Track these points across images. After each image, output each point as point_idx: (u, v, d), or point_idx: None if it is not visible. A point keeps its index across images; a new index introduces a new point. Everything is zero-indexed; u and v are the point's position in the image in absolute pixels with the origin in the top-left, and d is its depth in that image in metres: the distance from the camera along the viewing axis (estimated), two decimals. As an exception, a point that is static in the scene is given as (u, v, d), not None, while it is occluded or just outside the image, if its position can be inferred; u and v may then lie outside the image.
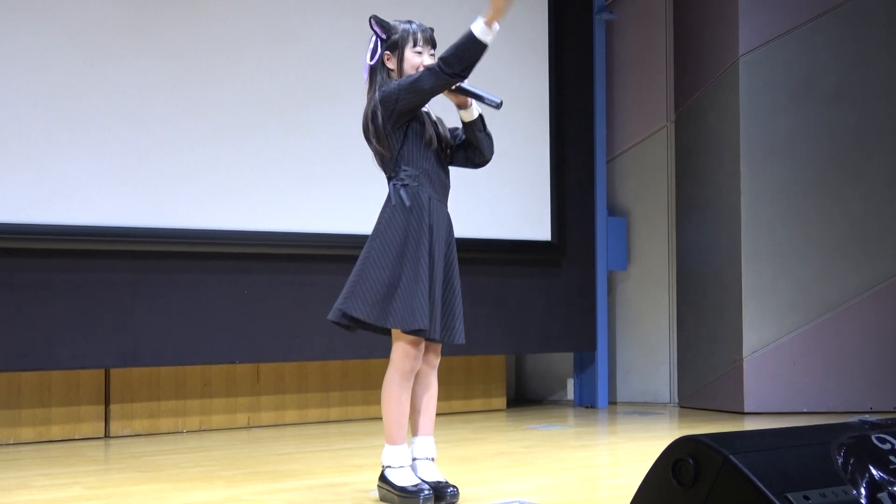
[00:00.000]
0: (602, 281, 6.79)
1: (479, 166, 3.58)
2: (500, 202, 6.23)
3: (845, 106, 6.42)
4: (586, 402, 6.82)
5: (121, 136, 5.08)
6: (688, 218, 6.79)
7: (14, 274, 4.86)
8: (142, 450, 4.82)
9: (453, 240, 3.49)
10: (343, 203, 5.60)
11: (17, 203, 4.83)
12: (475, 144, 3.51)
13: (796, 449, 2.10)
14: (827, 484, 2.03)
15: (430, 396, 3.50)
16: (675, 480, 2.08)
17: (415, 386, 3.45)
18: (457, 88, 3.38)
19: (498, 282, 6.18)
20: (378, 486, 3.43)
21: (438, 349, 3.50)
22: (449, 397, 6.22)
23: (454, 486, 3.39)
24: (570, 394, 7.10)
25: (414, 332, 3.31)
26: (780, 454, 2.06)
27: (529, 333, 6.45)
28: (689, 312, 6.74)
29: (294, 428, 5.67)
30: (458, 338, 3.43)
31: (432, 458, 3.48)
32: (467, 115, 3.47)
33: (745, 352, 6.28)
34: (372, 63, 3.45)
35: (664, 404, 6.90)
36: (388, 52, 3.44)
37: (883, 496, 2.06)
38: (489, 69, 6.53)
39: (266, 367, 5.75)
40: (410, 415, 3.48)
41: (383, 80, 3.42)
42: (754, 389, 6.26)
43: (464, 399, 6.49)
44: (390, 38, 3.43)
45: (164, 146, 5.19)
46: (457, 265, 3.49)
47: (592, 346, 6.75)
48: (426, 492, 3.31)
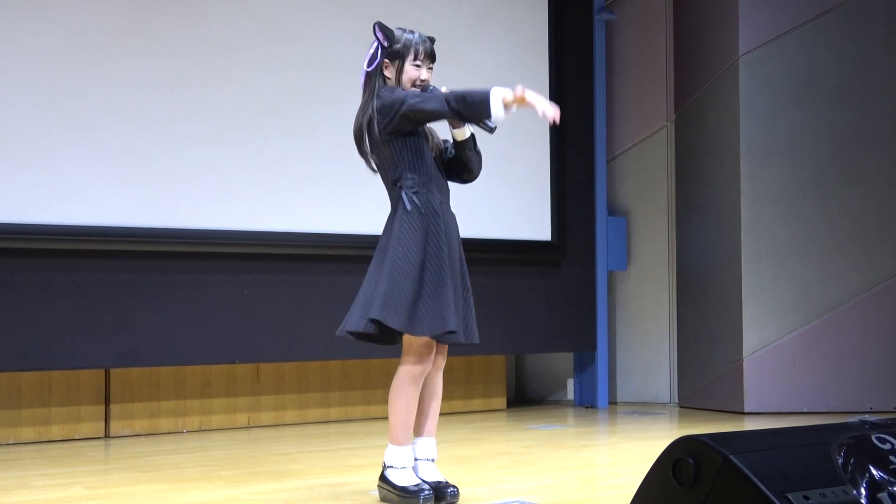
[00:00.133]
0: (602, 281, 6.79)
1: (467, 182, 3.59)
2: (501, 202, 6.23)
3: (845, 106, 6.42)
4: (586, 402, 6.82)
5: (121, 136, 5.08)
6: (688, 218, 6.79)
7: (14, 274, 4.86)
8: (142, 450, 4.82)
9: (460, 241, 3.51)
10: (343, 203, 5.60)
11: (17, 203, 4.83)
12: (464, 162, 3.52)
13: (796, 449, 2.10)
14: (827, 484, 2.03)
15: (435, 398, 3.50)
16: (676, 480, 2.08)
17: (422, 389, 3.45)
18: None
19: (498, 282, 6.18)
20: (378, 486, 3.43)
21: (445, 351, 3.49)
22: (449, 397, 6.21)
23: (454, 487, 3.39)
24: (570, 394, 7.10)
25: (446, 335, 3.32)
26: (781, 454, 2.06)
27: (529, 333, 6.45)
28: (689, 312, 6.74)
29: (294, 428, 5.67)
30: (474, 337, 3.44)
31: (433, 459, 3.48)
32: (460, 134, 3.47)
33: (746, 352, 6.28)
34: (370, 69, 3.45)
35: (664, 404, 6.90)
36: (388, 61, 3.44)
37: (883, 496, 2.06)
38: (490, 69, 6.52)
39: (266, 367, 5.75)
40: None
41: (380, 88, 3.42)
42: (754, 389, 6.26)
43: (464, 399, 6.49)
44: (392, 47, 3.42)
45: (164, 146, 5.19)
46: (466, 266, 3.50)
47: (592, 346, 6.75)
48: (426, 492, 3.31)
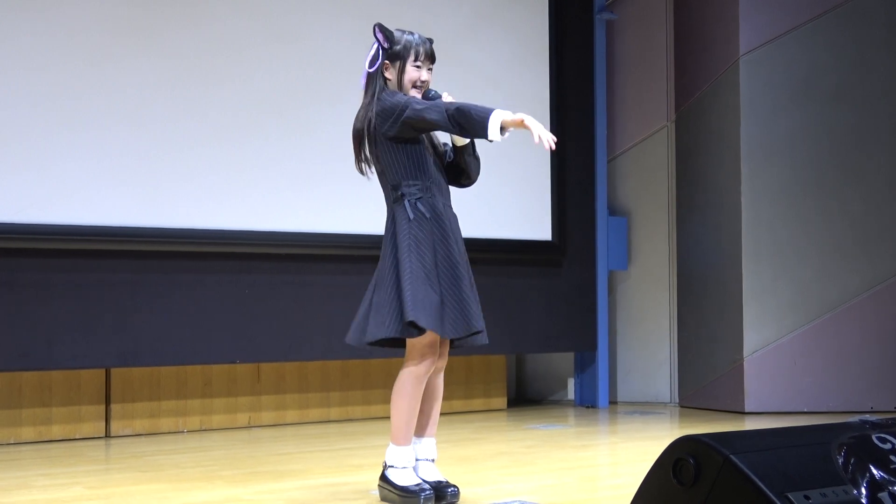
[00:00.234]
0: (602, 281, 6.79)
1: (464, 187, 3.59)
2: (501, 202, 6.23)
3: (845, 106, 6.42)
4: (587, 402, 6.82)
5: (121, 136, 5.08)
6: (688, 218, 6.79)
7: (14, 274, 4.86)
8: (142, 449, 4.82)
9: (463, 241, 3.50)
10: (343, 203, 5.59)
11: (18, 203, 4.83)
12: (463, 167, 3.52)
13: (797, 449, 2.10)
14: (827, 484, 2.03)
15: (436, 400, 3.51)
16: (676, 480, 2.08)
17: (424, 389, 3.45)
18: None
19: (498, 282, 6.18)
20: (379, 486, 3.43)
21: (445, 353, 3.49)
22: (449, 397, 6.21)
23: (455, 486, 3.39)
24: (571, 394, 7.10)
25: (474, 336, 3.34)
26: (781, 454, 2.06)
27: (530, 333, 6.45)
28: (690, 312, 6.74)
29: (294, 428, 5.67)
30: (485, 338, 3.45)
31: (433, 460, 3.48)
32: (459, 140, 3.47)
33: (746, 352, 6.28)
34: (371, 70, 3.44)
35: (665, 404, 6.90)
36: (388, 62, 3.43)
37: (883, 496, 2.05)
38: (490, 69, 6.52)
39: (266, 367, 5.75)
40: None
41: (381, 90, 3.41)
42: (755, 389, 6.26)
43: (464, 399, 6.49)
44: (392, 49, 3.42)
45: (164, 146, 5.19)
46: (470, 266, 3.50)
47: (593, 346, 6.75)
48: (427, 492, 3.31)
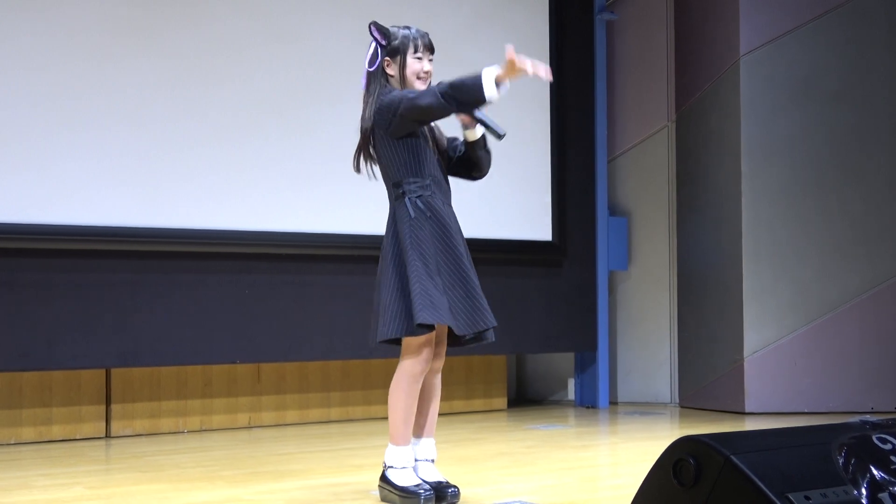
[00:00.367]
0: (603, 281, 6.79)
1: (476, 180, 3.60)
2: (501, 202, 6.23)
3: (846, 106, 6.42)
4: (587, 403, 6.82)
5: (121, 136, 5.08)
6: (688, 218, 6.79)
7: (14, 274, 4.86)
8: (143, 450, 4.82)
9: (464, 238, 3.50)
10: (343, 203, 5.59)
11: (18, 203, 4.83)
12: (475, 161, 3.52)
13: (797, 449, 2.10)
14: (828, 484, 2.03)
15: (434, 400, 3.51)
16: (676, 480, 2.08)
17: (421, 389, 3.45)
18: (469, 115, 3.38)
19: (499, 282, 6.18)
20: (379, 487, 3.43)
21: (442, 353, 3.49)
22: (450, 397, 6.22)
23: (455, 487, 3.38)
24: (571, 394, 7.10)
25: (480, 334, 3.37)
26: (781, 454, 2.05)
27: (530, 333, 6.45)
28: (690, 312, 6.74)
29: (295, 428, 5.67)
30: (492, 336, 3.45)
31: (432, 460, 3.48)
32: (471, 135, 3.46)
33: (746, 352, 6.28)
34: (371, 69, 3.44)
35: (665, 404, 6.90)
36: (389, 59, 3.43)
37: (884, 496, 2.05)
38: (490, 69, 6.45)
39: (267, 367, 5.75)
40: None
41: (382, 87, 3.42)
42: (755, 390, 6.25)
43: (465, 399, 6.49)
44: (390, 45, 3.42)
45: (164, 146, 5.19)
46: (472, 262, 3.49)
47: (593, 347, 6.75)
48: (427, 492, 3.30)
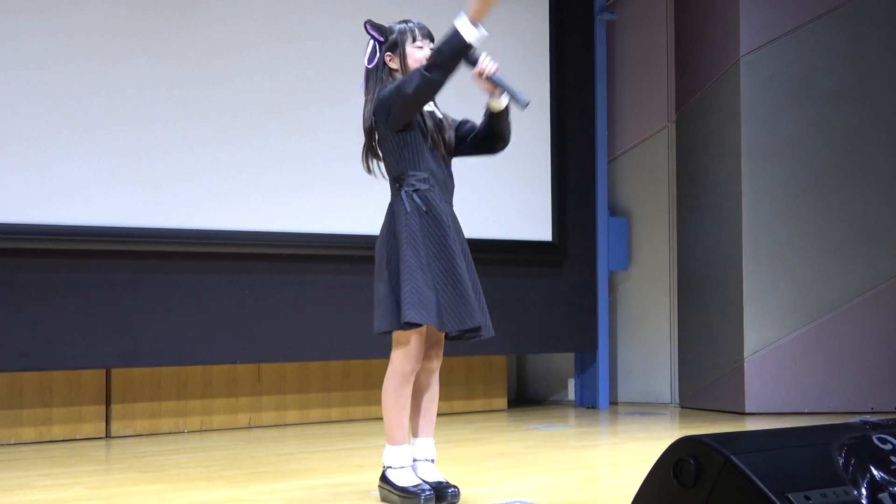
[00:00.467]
0: (603, 281, 6.79)
1: (498, 151, 3.55)
2: (501, 202, 6.23)
3: (846, 106, 6.42)
4: (587, 403, 6.82)
5: (121, 136, 5.08)
6: (689, 218, 6.79)
7: (14, 274, 4.86)
8: (143, 450, 4.82)
9: (464, 237, 3.49)
10: (343, 203, 5.59)
11: (18, 203, 4.83)
12: (498, 132, 3.49)
13: (797, 449, 2.10)
14: (828, 484, 2.03)
15: (431, 398, 3.50)
16: (677, 481, 2.07)
17: (416, 388, 3.45)
18: (488, 79, 3.37)
19: (499, 282, 6.18)
20: (379, 487, 3.43)
21: (440, 353, 3.49)
22: (450, 397, 6.22)
23: (455, 487, 3.38)
24: (571, 394, 7.09)
25: (470, 332, 3.33)
26: (782, 454, 2.05)
27: (530, 334, 6.44)
28: (690, 313, 6.74)
29: (295, 428, 5.67)
30: (491, 332, 3.42)
31: (432, 460, 3.48)
32: (496, 105, 3.44)
33: (746, 352, 6.27)
34: (370, 66, 3.44)
35: (665, 405, 6.90)
36: (390, 53, 3.43)
37: (884, 496, 2.05)
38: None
39: (267, 368, 5.75)
40: (411, 416, 3.48)
41: (381, 83, 3.42)
42: (755, 390, 6.25)
43: (465, 399, 6.49)
44: (388, 39, 3.43)
45: (164, 146, 5.19)
46: (472, 261, 3.47)
47: (593, 347, 6.75)
48: (427, 492, 3.30)
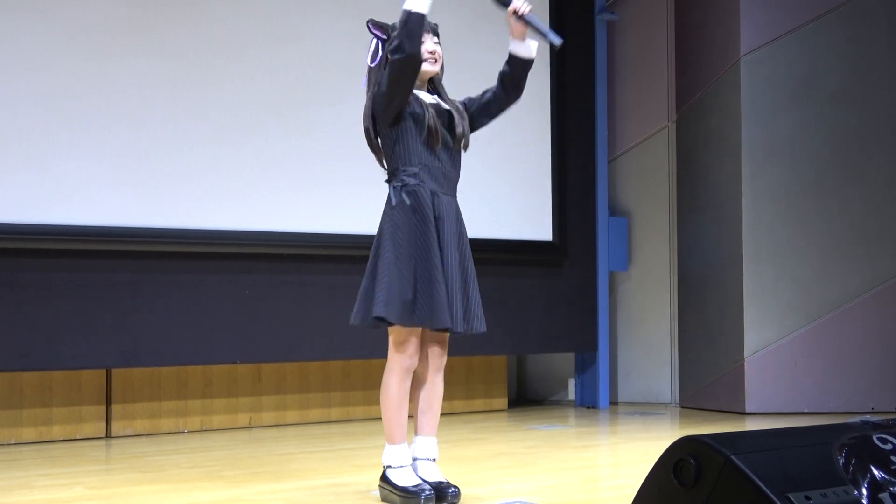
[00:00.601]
0: (603, 281, 6.79)
1: (512, 103, 3.53)
2: (502, 202, 6.23)
3: (846, 106, 6.42)
4: (587, 403, 6.81)
5: (121, 136, 5.08)
6: (689, 218, 6.79)
7: (15, 274, 4.86)
8: (143, 450, 4.82)
9: (464, 229, 3.48)
10: (343, 203, 5.59)
11: (18, 203, 4.82)
12: (517, 81, 3.49)
13: (798, 449, 2.10)
14: (828, 484, 2.03)
15: (435, 397, 3.48)
16: (677, 481, 2.07)
17: (417, 385, 3.45)
18: (520, 18, 3.37)
19: (499, 282, 6.18)
20: (379, 487, 3.43)
21: (445, 350, 3.47)
22: (450, 397, 6.20)
23: (455, 487, 3.38)
24: (572, 394, 7.09)
25: (439, 331, 3.34)
26: (782, 454, 2.05)
27: (530, 334, 6.44)
28: (691, 313, 6.74)
29: (295, 428, 5.67)
30: (480, 326, 3.41)
31: (433, 459, 3.47)
32: (523, 50, 3.44)
33: (747, 352, 6.27)
34: (373, 65, 3.44)
35: (665, 405, 6.90)
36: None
37: (884, 496, 2.05)
38: (490, 69, 6.52)
39: (267, 368, 5.75)
40: (413, 414, 3.47)
41: (375, 84, 3.42)
42: (755, 390, 6.25)
43: (465, 399, 6.49)
44: (391, 37, 3.43)
45: (164, 146, 5.18)
46: (470, 254, 3.47)
47: (594, 347, 6.74)
48: (427, 492, 3.30)
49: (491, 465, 4.31)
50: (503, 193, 6.23)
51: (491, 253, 6.13)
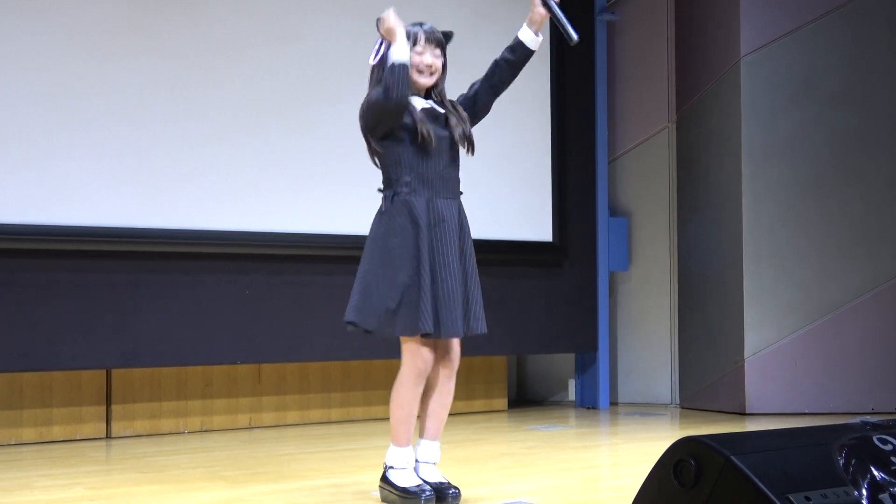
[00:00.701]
0: (603, 282, 6.79)
1: (505, 84, 3.53)
2: (502, 203, 6.23)
3: (846, 107, 6.42)
4: (588, 403, 6.81)
5: (121, 136, 5.08)
6: (689, 219, 6.78)
7: (15, 274, 4.86)
8: (143, 450, 4.82)
9: (467, 230, 3.45)
10: (343, 203, 5.59)
11: (18, 203, 4.82)
12: (516, 69, 3.49)
13: (798, 450, 2.10)
14: (828, 485, 2.03)
15: (443, 402, 3.46)
16: (677, 481, 2.07)
17: (430, 390, 3.43)
18: (545, 4, 3.40)
19: (499, 282, 6.17)
20: (380, 487, 3.42)
21: (454, 357, 3.44)
22: (450, 398, 6.21)
23: (456, 488, 3.38)
24: (572, 394, 7.09)
25: (423, 336, 3.31)
26: (782, 455, 2.05)
27: (531, 334, 6.44)
28: (691, 313, 6.74)
29: (295, 428, 5.67)
30: (479, 327, 3.39)
31: (435, 463, 3.47)
32: (532, 42, 3.45)
33: (747, 353, 6.27)
34: (374, 63, 3.44)
35: (665, 405, 6.89)
36: None
37: (884, 497, 2.05)
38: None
39: (267, 368, 5.75)
40: (421, 417, 3.47)
41: (373, 87, 3.41)
42: (756, 390, 6.25)
43: (465, 400, 6.48)
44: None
45: (164, 146, 5.18)
46: (472, 255, 3.44)
47: (594, 347, 6.74)
48: (428, 493, 3.30)
49: (491, 466, 4.31)
50: (503, 193, 6.22)
51: (491, 253, 6.12)
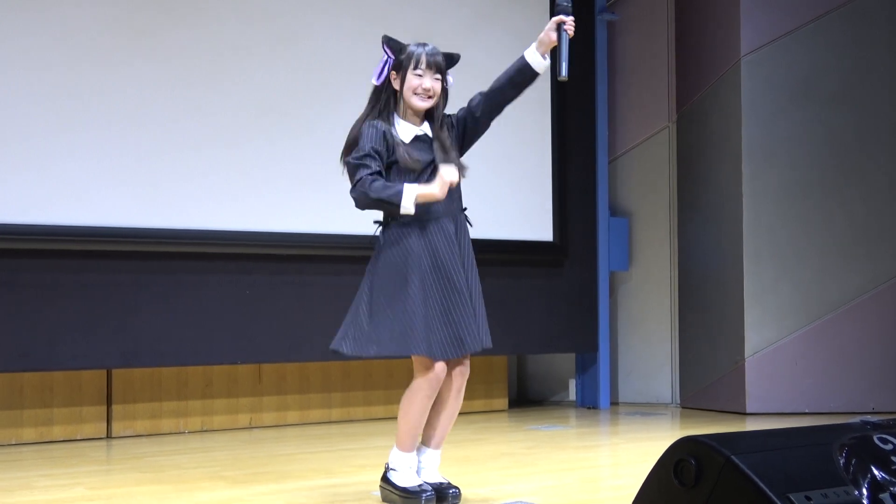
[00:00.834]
0: (604, 281, 6.79)
1: (507, 101, 3.53)
2: (502, 202, 6.23)
3: (846, 107, 6.42)
4: (588, 403, 6.81)
5: (121, 137, 5.08)
6: (689, 218, 6.79)
7: (15, 274, 4.86)
8: (144, 450, 4.82)
9: (467, 248, 3.43)
10: (343, 203, 5.49)
11: (18, 204, 4.83)
12: (520, 89, 3.50)
13: (798, 449, 2.10)
14: (829, 484, 2.03)
15: (449, 415, 3.48)
16: (677, 481, 2.07)
17: (439, 404, 3.43)
18: (559, 32, 3.51)
19: (500, 282, 6.17)
20: (380, 487, 3.43)
21: (464, 371, 3.45)
22: (450, 398, 6.22)
23: (456, 488, 3.39)
24: (572, 394, 7.09)
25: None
26: (782, 455, 2.05)
27: (531, 334, 6.44)
28: (691, 313, 6.74)
29: (296, 428, 5.67)
30: (486, 342, 3.41)
31: (435, 465, 3.48)
32: (540, 67, 3.48)
33: (747, 352, 6.27)
34: (377, 83, 3.42)
35: (666, 405, 6.90)
36: (394, 72, 3.40)
37: (885, 497, 2.05)
38: (491, 69, 6.51)
39: (267, 368, 5.75)
40: (427, 424, 3.47)
41: (367, 113, 3.40)
42: (756, 390, 6.25)
43: (465, 400, 6.39)
44: (398, 59, 3.40)
45: (165, 146, 5.19)
46: (475, 271, 3.43)
47: (594, 347, 6.74)
48: (428, 492, 3.31)
49: (491, 466, 4.31)
50: (503, 193, 6.22)
51: (491, 253, 6.12)
